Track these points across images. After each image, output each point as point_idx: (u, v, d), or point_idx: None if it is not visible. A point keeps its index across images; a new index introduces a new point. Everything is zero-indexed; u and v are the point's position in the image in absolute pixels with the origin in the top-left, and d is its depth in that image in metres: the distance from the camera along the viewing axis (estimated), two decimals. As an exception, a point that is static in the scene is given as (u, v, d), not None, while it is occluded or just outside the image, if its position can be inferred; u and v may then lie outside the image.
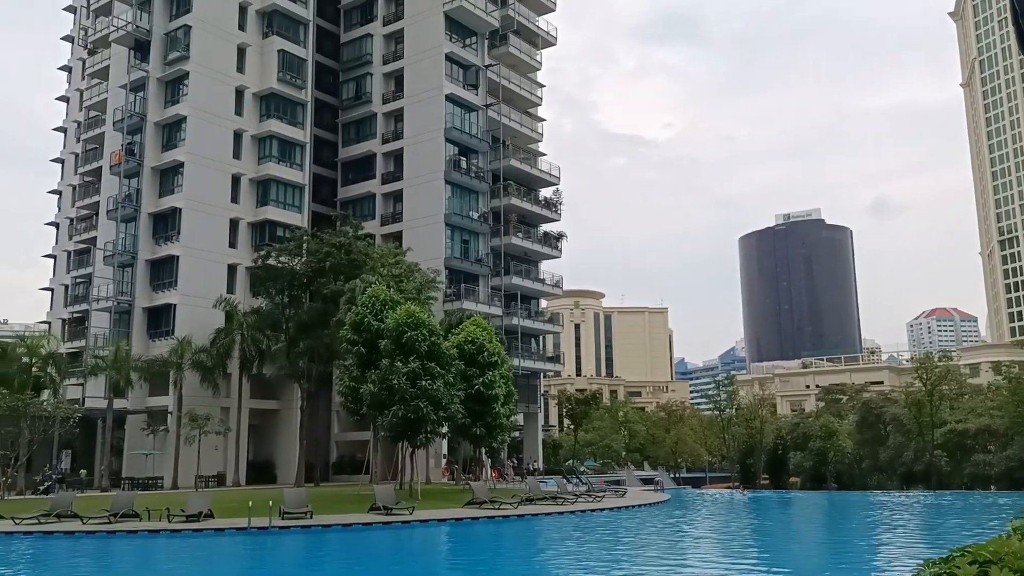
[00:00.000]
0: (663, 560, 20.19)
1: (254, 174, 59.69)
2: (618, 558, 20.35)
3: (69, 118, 75.04)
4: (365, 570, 18.94)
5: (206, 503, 26.22)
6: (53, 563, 20.05)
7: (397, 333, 35.05)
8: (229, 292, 56.18)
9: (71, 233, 68.76)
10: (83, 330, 61.91)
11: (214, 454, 52.07)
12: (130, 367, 51.01)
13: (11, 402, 41.48)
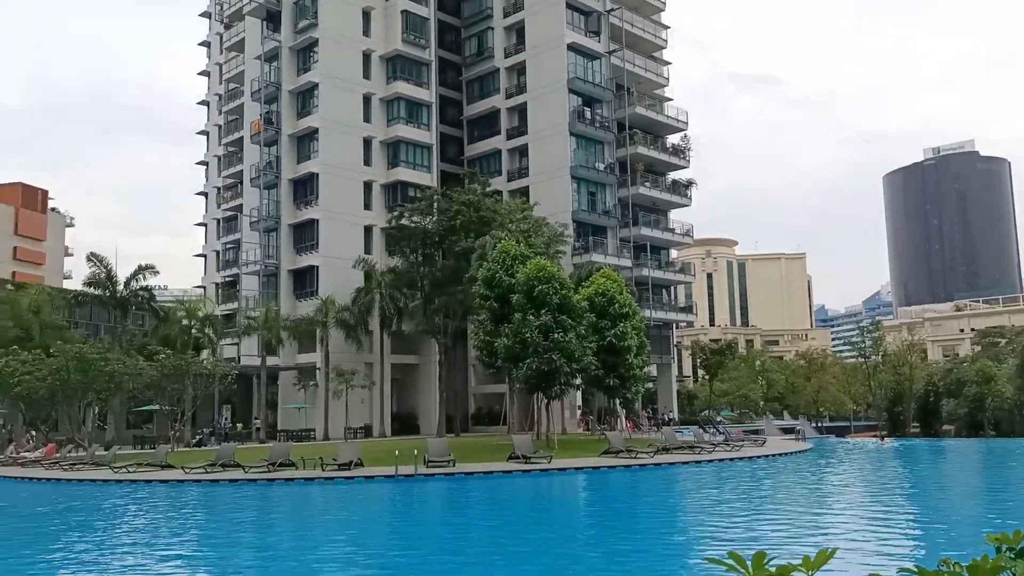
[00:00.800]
0: (806, 509, 19.74)
1: (384, 136, 61.15)
2: (759, 507, 20.06)
3: (211, 92, 79.04)
4: (510, 513, 19.52)
5: (356, 452, 27.62)
6: (221, 508, 21.71)
7: (528, 287, 35.40)
8: (367, 252, 58.23)
9: (219, 202, 72.86)
10: (235, 293, 65.97)
11: (360, 407, 54.64)
12: (279, 326, 53.95)
13: (175, 361, 44.75)
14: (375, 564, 13.07)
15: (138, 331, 62.34)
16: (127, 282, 54.88)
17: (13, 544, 16.31)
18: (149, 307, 58.11)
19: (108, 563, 13.47)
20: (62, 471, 31.00)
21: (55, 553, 14.93)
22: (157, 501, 22.76)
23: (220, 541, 16.07)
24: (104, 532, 17.73)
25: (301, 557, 13.87)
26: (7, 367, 40.65)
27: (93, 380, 40.59)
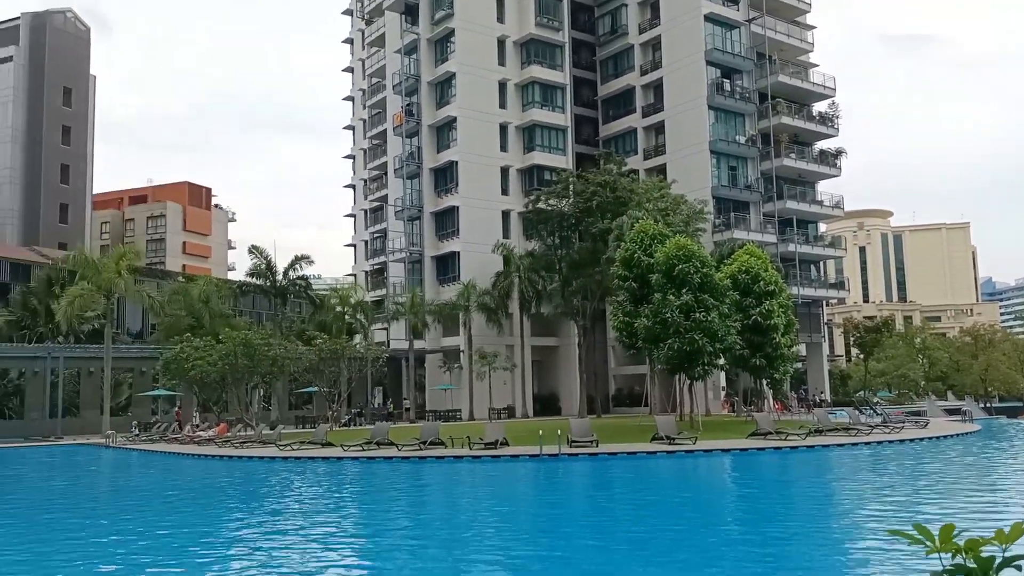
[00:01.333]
0: (979, 492, 18.62)
1: (519, 121, 61.72)
2: (924, 490, 19.09)
3: (355, 87, 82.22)
4: (656, 494, 19.51)
5: (501, 432, 28.31)
6: (379, 483, 22.83)
7: (668, 267, 34.95)
8: (505, 237, 59.15)
9: (366, 193, 75.88)
10: (383, 280, 68.65)
11: (503, 388, 55.75)
12: (424, 311, 55.76)
13: (331, 346, 47.18)
14: (526, 540, 13.43)
15: (296, 318, 66.09)
16: (285, 272, 58.20)
17: (207, 511, 17.84)
18: (306, 295, 61.43)
19: (285, 530, 14.50)
20: (233, 449, 33.41)
21: (242, 519, 16.21)
22: (320, 476, 24.21)
23: (380, 514, 16.95)
24: (277, 503, 19.06)
25: (456, 531, 14.44)
26: (182, 353, 44.09)
27: (258, 364, 43.39)
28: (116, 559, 12.44)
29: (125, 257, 48.89)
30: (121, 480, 27.93)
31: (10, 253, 76.62)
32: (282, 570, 10.91)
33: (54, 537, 15.02)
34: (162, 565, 11.82)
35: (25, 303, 60.89)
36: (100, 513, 19.05)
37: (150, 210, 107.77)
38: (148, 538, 14.39)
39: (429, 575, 10.68)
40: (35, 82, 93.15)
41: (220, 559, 12.32)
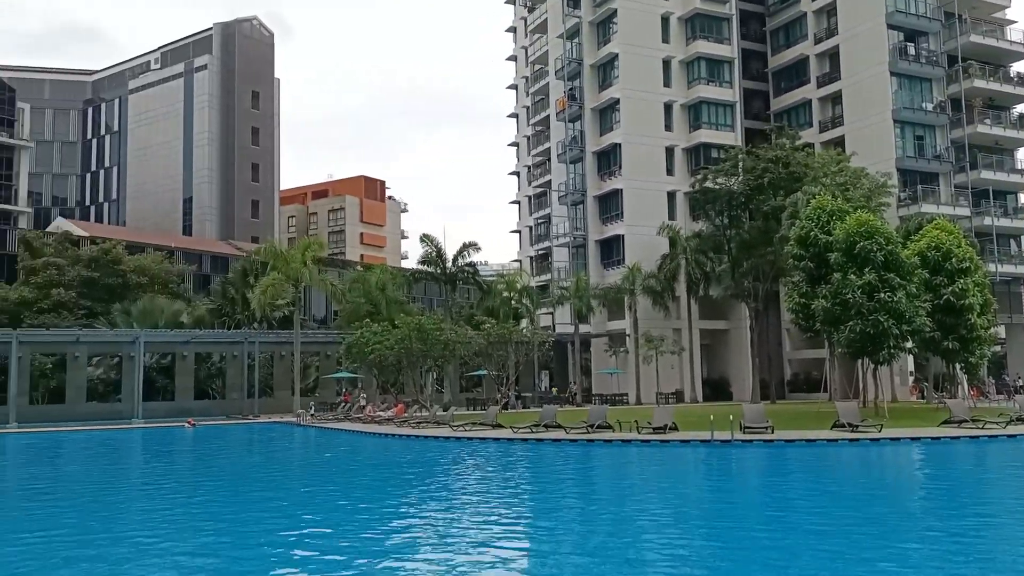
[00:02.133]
0: None
1: (684, 99, 60.32)
2: None
3: (518, 75, 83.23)
4: (839, 483, 18.60)
5: (670, 417, 27.91)
6: (548, 465, 23.16)
7: (848, 244, 33.08)
8: (670, 218, 58.11)
9: (530, 179, 76.79)
10: (547, 265, 69.28)
11: (671, 372, 54.94)
12: (589, 295, 55.82)
13: (499, 330, 48.24)
14: (699, 528, 13.19)
15: (465, 303, 68.06)
16: (454, 259, 59.99)
17: (389, 486, 18.82)
18: (474, 281, 63.07)
19: (461, 506, 15.03)
20: (410, 428, 34.94)
21: (420, 495, 16.97)
22: (491, 456, 24.87)
23: (550, 495, 17.18)
24: (453, 481, 19.79)
25: (627, 515, 14.40)
26: (362, 337, 46.54)
27: (431, 348, 45.05)
28: (302, 526, 13.35)
29: (310, 248, 52.08)
30: (312, 455, 29.91)
31: (210, 247, 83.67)
32: (457, 545, 11.29)
33: (253, 507, 16.33)
34: (348, 535, 12.55)
35: (224, 292, 66.30)
36: (295, 484, 20.51)
37: (331, 204, 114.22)
38: (334, 510, 15.33)
39: (599, 560, 10.71)
40: (227, 87, 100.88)
41: (400, 530, 12.93)
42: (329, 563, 10.53)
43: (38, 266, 60.71)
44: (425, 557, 10.59)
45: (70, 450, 33.57)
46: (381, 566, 10.24)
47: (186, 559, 11.13)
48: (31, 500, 18.47)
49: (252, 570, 10.42)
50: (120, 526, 14.22)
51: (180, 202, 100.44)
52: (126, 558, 11.21)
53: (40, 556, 11.40)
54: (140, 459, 30.26)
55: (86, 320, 58.00)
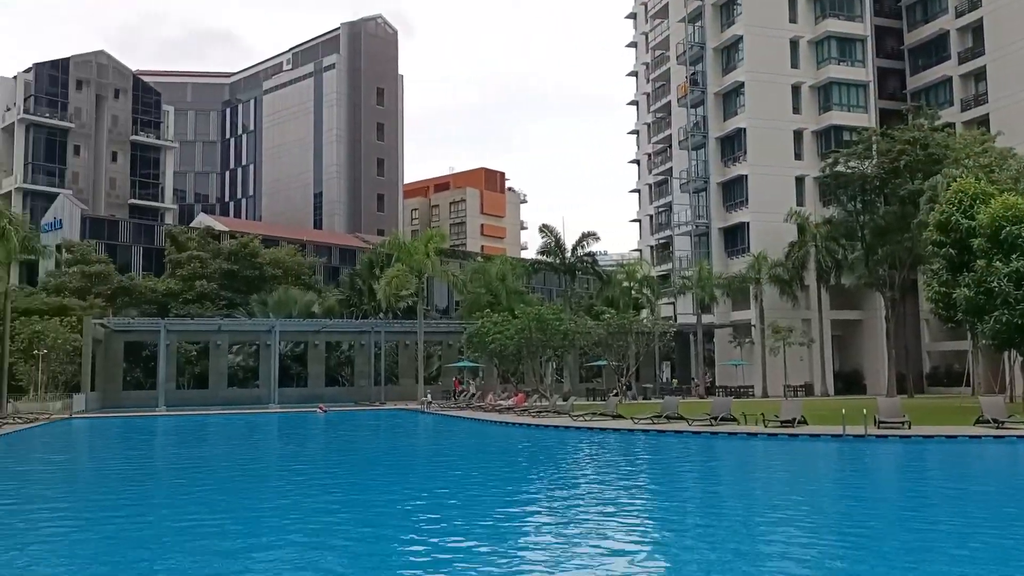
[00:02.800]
0: None
1: (813, 80, 58.02)
2: None
3: (638, 62, 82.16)
4: (982, 482, 17.50)
5: (798, 410, 26.97)
6: (669, 456, 22.86)
7: (993, 229, 30.95)
8: (799, 204, 56.12)
9: (650, 167, 75.76)
10: (668, 254, 68.24)
11: (799, 364, 53.10)
12: (712, 285, 54.62)
13: (619, 320, 47.93)
14: (828, 524, 12.73)
15: (584, 293, 67.90)
16: (573, 249, 59.95)
17: (511, 473, 19.12)
18: (593, 271, 62.85)
19: (581, 495, 15.08)
20: (531, 417, 35.24)
21: (542, 482, 17.14)
22: (612, 447, 24.78)
23: (672, 487, 16.97)
24: (573, 470, 19.86)
25: (752, 509, 14.06)
26: (483, 327, 47.27)
27: (551, 338, 45.27)
28: (426, 510, 13.72)
29: (432, 240, 53.28)
30: (437, 441, 30.68)
31: (339, 240, 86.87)
32: (578, 535, 11.33)
33: (381, 488, 16.92)
34: (471, 519, 12.80)
35: (352, 283, 68.78)
36: (417, 469, 21.13)
37: (452, 196, 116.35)
38: (455, 496, 15.67)
39: (720, 553, 10.50)
40: (353, 85, 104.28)
41: (521, 516, 13.08)
42: (453, 549, 10.78)
43: (183, 259, 64.78)
44: (547, 545, 10.67)
45: (222, 432, 35.72)
46: (504, 551, 10.40)
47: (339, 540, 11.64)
48: (182, 477, 19.80)
49: (389, 543, 10.80)
50: (266, 502, 15.04)
51: (311, 197, 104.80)
52: (280, 527, 11.85)
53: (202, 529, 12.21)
54: (289, 442, 31.88)
55: (227, 310, 61.48)
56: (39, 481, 19.66)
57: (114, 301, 59.01)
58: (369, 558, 10.28)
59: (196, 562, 9.94)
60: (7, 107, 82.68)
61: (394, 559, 10.30)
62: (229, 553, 10.48)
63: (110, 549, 10.94)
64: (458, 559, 9.95)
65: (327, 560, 10.02)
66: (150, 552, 10.70)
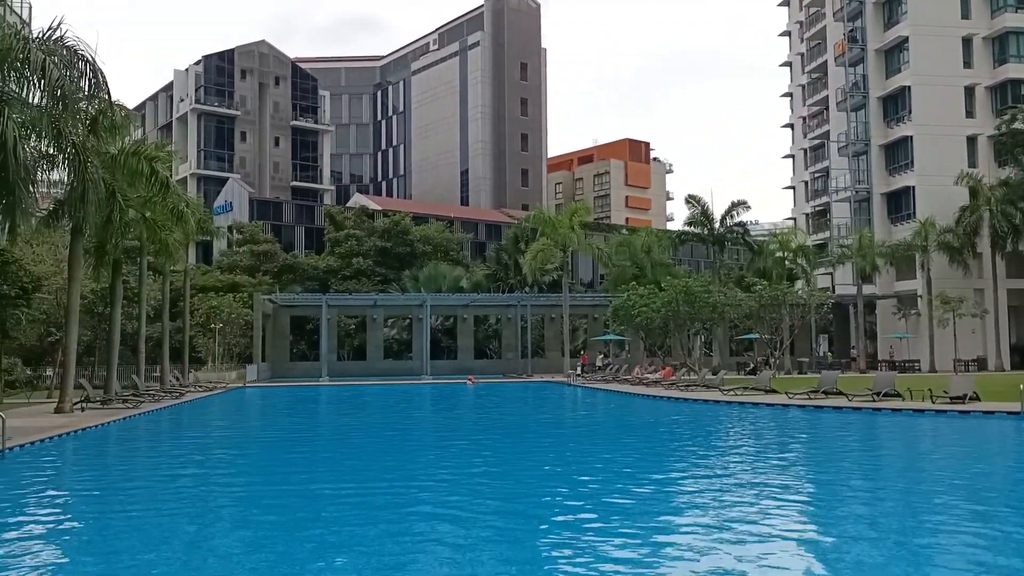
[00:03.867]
0: None
1: (987, 31, 53.49)
2: None
3: (791, 21, 78.38)
4: None
5: (970, 385, 25.25)
6: (827, 432, 22.00)
7: None
8: (970, 166, 52.11)
9: (805, 131, 72.38)
10: (825, 222, 65.14)
11: (971, 337, 49.61)
12: (874, 253, 51.75)
13: (771, 292, 46.34)
14: (1004, 509, 11.90)
15: (734, 265, 66.05)
16: (722, 219, 58.32)
17: (659, 447, 19.07)
18: (743, 241, 60.94)
19: (733, 471, 14.82)
20: (678, 391, 34.80)
21: (691, 457, 17.00)
22: (764, 421, 24.11)
23: (831, 465, 16.35)
24: (725, 444, 19.52)
25: (917, 489, 13.36)
26: (628, 301, 46.96)
27: (699, 311, 44.42)
28: (568, 482, 13.89)
29: (577, 214, 53.29)
30: (585, 412, 30.92)
31: (484, 216, 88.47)
32: (733, 512, 11.15)
33: (529, 460, 17.29)
34: (613, 492, 12.86)
35: (498, 258, 69.99)
36: (568, 439, 21.40)
37: (596, 168, 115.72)
38: (604, 468, 15.77)
39: (881, 534, 10.05)
40: (497, 61, 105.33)
41: (678, 493, 13.02)
42: (608, 521, 10.89)
43: (341, 238, 68.06)
44: (699, 523, 10.59)
45: (383, 400, 37.50)
46: (658, 525, 10.41)
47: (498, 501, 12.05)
48: (356, 439, 20.99)
49: (536, 505, 11.07)
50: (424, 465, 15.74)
51: (458, 174, 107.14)
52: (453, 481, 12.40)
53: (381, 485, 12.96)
54: (446, 410, 33.12)
55: (381, 286, 64.15)
56: (225, 443, 21.41)
57: (280, 278, 62.86)
58: (524, 522, 10.56)
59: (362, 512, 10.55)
60: (181, 98, 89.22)
61: (543, 526, 10.51)
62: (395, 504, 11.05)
63: (296, 505, 11.78)
64: (614, 527, 10.04)
65: (487, 520, 10.38)
66: (332, 510, 11.44)
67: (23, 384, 38.42)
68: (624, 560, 8.38)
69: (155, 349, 43.29)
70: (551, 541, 9.60)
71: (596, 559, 8.42)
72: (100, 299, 38.65)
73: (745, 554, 8.52)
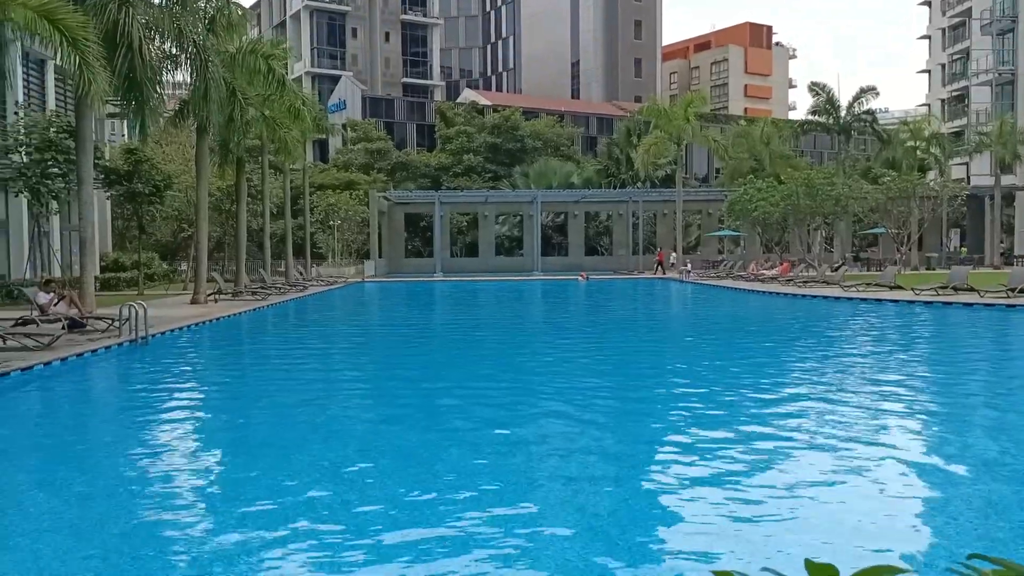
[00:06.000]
0: None
1: None
2: None
3: None
4: None
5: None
6: (956, 330, 21.04)
7: None
8: None
9: (943, 9, 66.62)
10: (962, 108, 60.51)
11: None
12: (1016, 141, 47.97)
13: (900, 184, 43.83)
14: None
15: (860, 155, 62.64)
16: (849, 107, 55.09)
17: (772, 345, 18.77)
18: (871, 130, 57.55)
19: (854, 369, 14.45)
20: (795, 288, 33.86)
21: (804, 354, 16.66)
22: (888, 318, 23.23)
23: (960, 361, 15.68)
24: (848, 341, 18.98)
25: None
26: (745, 195, 45.46)
27: (820, 204, 42.60)
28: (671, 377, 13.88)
29: (692, 104, 51.36)
30: (701, 309, 30.64)
31: (595, 109, 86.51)
32: (847, 415, 10.92)
33: (639, 353, 17.33)
34: (714, 399, 12.78)
35: (609, 153, 68.73)
36: (681, 335, 21.33)
37: (713, 56, 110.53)
38: (706, 367, 15.66)
39: (1008, 441, 9.63)
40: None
41: (788, 396, 12.84)
42: (711, 416, 10.88)
43: (451, 135, 68.20)
44: (805, 427, 10.43)
45: (493, 296, 38.27)
46: (763, 421, 10.33)
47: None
48: (470, 338, 21.60)
49: (648, 401, 11.19)
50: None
51: (568, 67, 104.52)
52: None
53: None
54: (561, 306, 33.56)
55: (492, 183, 64.32)
56: (352, 332, 22.46)
57: (393, 175, 63.91)
58: (634, 421, 10.69)
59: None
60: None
61: (654, 422, 10.61)
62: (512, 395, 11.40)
63: (431, 393, 12.32)
64: (733, 419, 10.04)
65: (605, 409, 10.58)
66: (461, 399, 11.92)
67: (160, 277, 41.10)
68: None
69: (279, 245, 45.21)
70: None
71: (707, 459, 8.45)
72: (226, 196, 40.44)
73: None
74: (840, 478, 7.15)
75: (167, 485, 7.24)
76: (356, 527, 5.97)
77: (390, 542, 5.68)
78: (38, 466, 8.21)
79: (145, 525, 6.10)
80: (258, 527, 5.98)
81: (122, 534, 5.90)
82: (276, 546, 5.61)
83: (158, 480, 7.43)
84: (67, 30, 16.25)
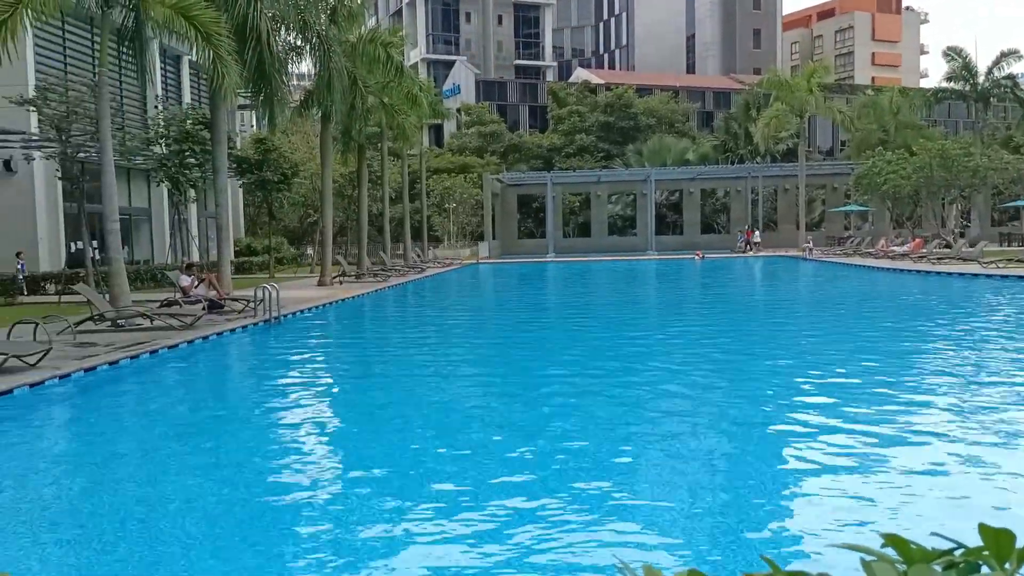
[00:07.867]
0: None
1: None
2: None
3: None
4: None
5: None
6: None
7: None
8: None
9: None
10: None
11: None
12: None
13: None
14: None
15: (1000, 124, 58.64)
16: (988, 72, 51.54)
17: (914, 321, 17.95)
18: (1013, 96, 53.68)
19: (988, 351, 13.67)
20: (929, 264, 32.15)
21: (943, 335, 15.86)
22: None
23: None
24: (984, 322, 17.93)
25: None
26: (874, 168, 43.38)
27: (956, 176, 40.21)
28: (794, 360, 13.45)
29: (815, 74, 49.33)
30: (830, 288, 29.55)
31: (712, 83, 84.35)
32: (975, 400, 10.34)
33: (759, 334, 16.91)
34: (821, 375, 12.32)
35: (727, 128, 66.91)
36: (803, 314, 20.69)
37: (837, 23, 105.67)
38: (825, 343, 15.11)
39: None
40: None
41: (916, 375, 12.28)
42: (827, 404, 10.55)
43: (564, 115, 68.02)
44: (934, 412, 9.95)
45: (609, 276, 38.12)
46: (883, 404, 9.93)
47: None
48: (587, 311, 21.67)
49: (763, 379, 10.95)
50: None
51: (683, 40, 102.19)
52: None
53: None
54: (680, 287, 33.16)
55: (604, 162, 63.83)
56: (473, 313, 22.90)
57: (506, 157, 64.36)
58: (755, 394, 10.49)
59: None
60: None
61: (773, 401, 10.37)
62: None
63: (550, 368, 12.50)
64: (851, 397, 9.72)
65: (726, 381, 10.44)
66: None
67: (289, 261, 42.98)
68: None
69: (397, 228, 46.40)
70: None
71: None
72: (348, 182, 41.79)
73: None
74: None
75: (320, 439, 7.65)
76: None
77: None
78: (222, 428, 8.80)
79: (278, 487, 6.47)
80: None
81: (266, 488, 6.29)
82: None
83: (308, 436, 7.86)
84: (202, 26, 17.14)
